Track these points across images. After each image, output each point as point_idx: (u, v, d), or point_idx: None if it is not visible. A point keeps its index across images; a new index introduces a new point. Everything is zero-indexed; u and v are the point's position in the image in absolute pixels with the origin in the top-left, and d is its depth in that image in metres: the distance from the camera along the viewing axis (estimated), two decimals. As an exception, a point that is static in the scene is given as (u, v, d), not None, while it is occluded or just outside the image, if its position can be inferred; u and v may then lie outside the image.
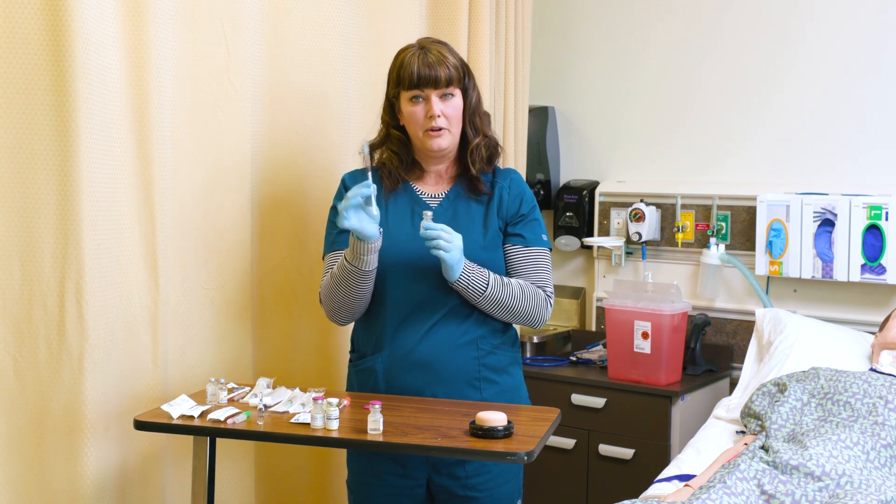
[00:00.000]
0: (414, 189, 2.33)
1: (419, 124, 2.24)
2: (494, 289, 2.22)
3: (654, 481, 2.48)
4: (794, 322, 3.09)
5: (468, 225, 2.28)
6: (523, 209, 2.33)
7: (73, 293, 2.13)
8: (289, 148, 2.72)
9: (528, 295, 2.27)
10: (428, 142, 2.25)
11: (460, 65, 2.27)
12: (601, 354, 3.47)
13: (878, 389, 2.46)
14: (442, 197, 2.33)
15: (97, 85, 2.14)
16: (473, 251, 2.24)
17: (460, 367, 2.25)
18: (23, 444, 2.13)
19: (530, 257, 2.32)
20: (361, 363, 2.32)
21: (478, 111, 2.31)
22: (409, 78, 2.21)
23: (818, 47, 3.30)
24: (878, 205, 3.03)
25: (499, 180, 2.34)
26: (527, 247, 2.31)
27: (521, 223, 2.32)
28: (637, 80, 3.69)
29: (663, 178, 3.62)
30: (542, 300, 2.30)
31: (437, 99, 2.22)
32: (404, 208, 2.31)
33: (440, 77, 2.21)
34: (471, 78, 2.30)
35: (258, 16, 2.60)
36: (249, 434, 2.07)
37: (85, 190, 2.12)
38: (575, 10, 3.82)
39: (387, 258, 2.23)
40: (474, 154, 2.29)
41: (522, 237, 2.31)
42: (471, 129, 2.29)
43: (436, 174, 2.35)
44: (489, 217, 2.30)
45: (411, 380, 2.23)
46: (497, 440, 1.92)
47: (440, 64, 2.21)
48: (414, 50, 2.25)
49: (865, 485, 2.12)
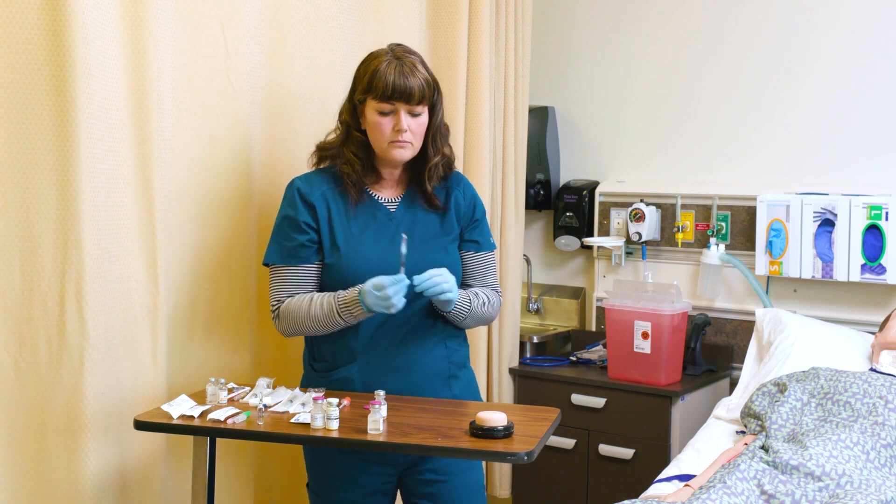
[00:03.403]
0: (373, 195, 2.34)
1: (385, 136, 2.24)
2: (475, 306, 2.32)
3: (654, 481, 2.48)
4: (794, 322, 3.09)
5: (429, 230, 2.32)
6: (476, 214, 2.41)
7: (73, 293, 2.13)
8: (288, 148, 2.72)
9: (492, 302, 2.41)
10: (391, 152, 2.25)
11: (432, 80, 2.27)
12: (601, 354, 3.47)
13: (878, 389, 2.46)
14: (398, 202, 2.35)
15: (97, 85, 2.14)
16: (437, 256, 2.29)
17: (434, 367, 2.31)
18: (23, 444, 2.13)
19: (484, 262, 2.42)
20: (335, 373, 2.29)
21: (440, 128, 2.32)
22: (383, 89, 2.20)
23: (819, 49, 3.30)
24: (878, 205, 3.03)
25: (452, 187, 2.38)
26: (479, 252, 2.41)
27: (474, 228, 2.40)
28: (637, 81, 3.69)
29: (663, 178, 3.62)
30: (499, 303, 2.44)
31: (405, 113, 2.22)
32: (367, 217, 2.31)
33: (413, 92, 2.20)
34: (439, 94, 2.31)
35: (258, 16, 2.60)
36: (249, 434, 2.07)
37: (85, 190, 2.12)
38: (575, 9, 3.82)
39: (355, 268, 2.24)
40: (432, 171, 2.32)
41: (477, 243, 2.41)
42: (431, 146, 2.31)
43: (391, 179, 2.35)
44: (446, 223, 2.35)
45: (390, 384, 2.22)
46: (497, 440, 1.93)
47: (414, 78, 2.21)
48: (388, 58, 2.23)
49: (865, 485, 2.12)
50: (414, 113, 2.24)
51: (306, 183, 2.32)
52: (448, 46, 3.12)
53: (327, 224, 2.28)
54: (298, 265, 2.28)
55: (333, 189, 2.31)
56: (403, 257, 2.14)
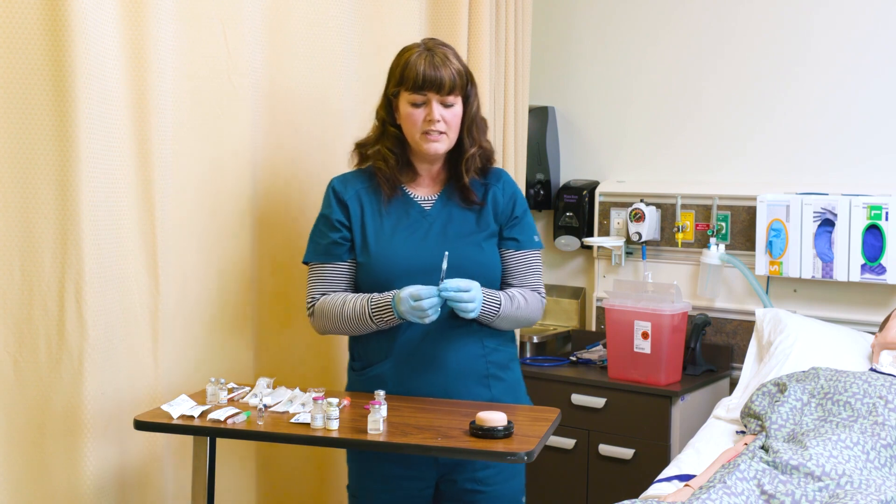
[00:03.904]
0: (408, 193, 2.32)
1: (417, 127, 2.22)
2: (505, 308, 2.26)
3: (654, 481, 2.48)
4: (794, 322, 3.09)
5: (464, 227, 2.29)
6: (517, 211, 2.35)
7: (73, 293, 2.13)
8: (289, 147, 2.72)
9: (531, 303, 2.33)
10: (424, 145, 2.24)
11: (464, 71, 2.25)
12: (601, 354, 3.47)
13: (878, 389, 2.46)
14: (434, 199, 2.32)
15: (97, 85, 2.14)
16: (471, 253, 2.26)
17: (467, 366, 2.26)
18: (23, 444, 2.13)
19: (524, 260, 2.35)
20: (369, 371, 2.29)
21: (476, 120, 2.30)
22: (414, 79, 2.19)
23: (819, 49, 3.30)
24: (878, 205, 3.03)
25: (491, 183, 2.34)
26: (520, 250, 2.34)
27: (514, 226, 2.34)
28: (637, 81, 3.69)
29: (663, 178, 3.62)
30: (539, 304, 2.36)
31: (438, 103, 2.21)
32: (400, 214, 2.29)
33: (444, 82, 2.19)
34: (473, 86, 2.29)
35: (258, 16, 2.60)
36: (249, 434, 2.07)
37: (85, 190, 2.12)
38: (575, 9, 3.82)
39: (388, 266, 2.23)
40: (469, 163, 2.29)
41: (517, 241, 2.34)
42: (468, 137, 2.28)
43: (429, 176, 2.34)
44: (483, 220, 2.31)
45: (423, 382, 2.22)
46: (497, 440, 1.93)
47: (445, 68, 2.19)
48: (420, 50, 2.23)
49: (865, 485, 2.12)
50: (446, 104, 2.21)
51: (342, 182, 2.34)
52: (448, 46, 3.12)
53: (359, 222, 2.28)
54: (332, 263, 2.30)
55: (368, 187, 2.31)
56: (444, 273, 2.14)
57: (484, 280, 2.24)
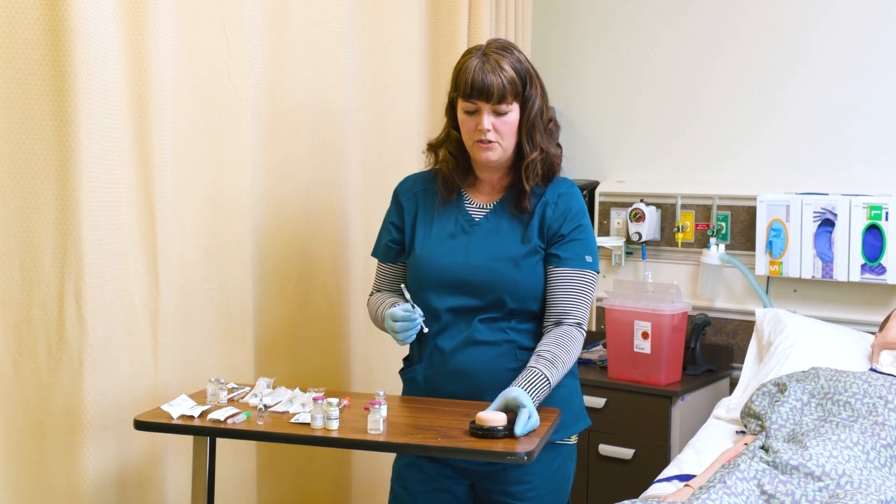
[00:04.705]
0: (465, 199, 2.26)
1: (470, 135, 2.16)
2: (555, 380, 2.10)
3: (654, 481, 2.48)
4: (794, 322, 3.09)
5: (507, 240, 2.20)
6: (565, 228, 2.19)
7: (73, 293, 2.13)
8: (289, 147, 2.72)
9: (571, 349, 2.16)
10: (476, 153, 2.17)
11: (519, 76, 2.14)
12: (601, 354, 3.47)
13: (878, 389, 2.46)
14: (489, 209, 2.24)
15: (97, 85, 2.14)
16: (505, 269, 2.17)
17: (496, 376, 2.16)
18: (23, 444, 2.13)
19: (564, 279, 2.18)
20: (407, 372, 2.30)
21: (537, 124, 2.17)
22: (464, 87, 2.13)
23: (819, 49, 3.30)
24: (878, 205, 3.03)
25: (547, 195, 2.21)
26: (560, 267, 2.18)
27: (562, 243, 2.19)
28: (637, 80, 3.68)
29: (663, 178, 3.62)
30: (578, 342, 2.18)
31: (488, 112, 2.13)
32: (449, 223, 2.24)
33: (492, 92, 2.10)
34: (535, 88, 2.17)
35: (259, 16, 2.60)
36: (249, 434, 2.07)
37: (85, 190, 2.12)
38: (575, 9, 3.82)
39: (426, 274, 2.20)
40: (528, 169, 2.17)
41: (558, 258, 2.18)
42: (528, 142, 2.16)
43: (489, 183, 2.26)
44: (528, 234, 2.19)
45: (451, 387, 2.20)
46: (497, 440, 1.92)
47: (495, 76, 2.09)
48: (476, 55, 2.15)
49: (865, 485, 2.12)
50: (499, 112, 2.13)
51: (404, 183, 2.34)
52: (448, 47, 3.12)
53: (412, 224, 2.27)
54: (387, 263, 2.33)
55: (428, 189, 2.27)
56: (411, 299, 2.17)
57: (518, 298, 2.17)
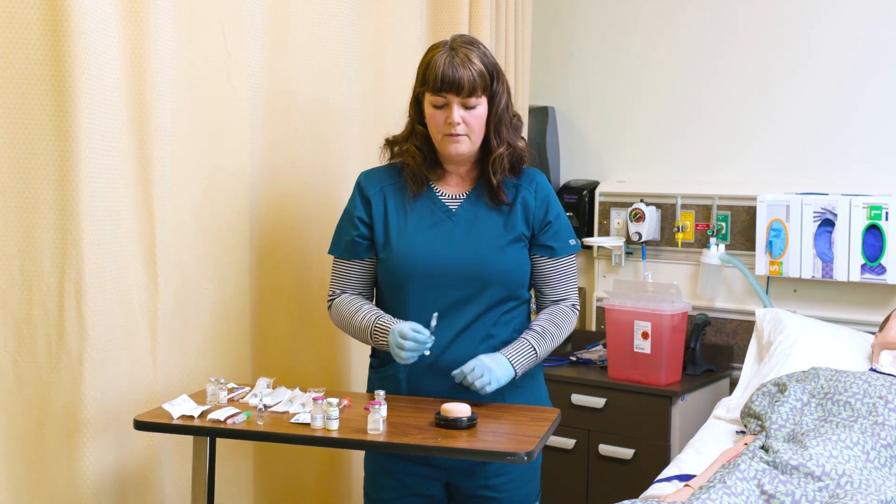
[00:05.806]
0: (435, 191, 2.27)
1: (438, 128, 2.18)
2: (542, 353, 2.23)
3: (654, 481, 2.48)
4: (794, 322, 3.09)
5: (489, 228, 2.23)
6: (550, 215, 2.28)
7: (73, 293, 2.13)
8: (288, 148, 2.72)
9: (563, 325, 2.30)
10: (445, 147, 2.19)
11: (487, 70, 2.16)
12: (601, 354, 3.47)
13: (878, 389, 2.46)
14: (463, 198, 2.26)
15: (97, 85, 2.14)
16: (491, 258, 2.21)
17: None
18: (23, 444, 2.13)
19: (558, 269, 2.30)
20: (384, 370, 2.28)
21: (504, 118, 2.21)
22: (433, 80, 2.14)
23: (820, 49, 3.30)
24: (878, 205, 3.02)
25: (523, 184, 2.27)
26: (554, 257, 2.29)
27: (549, 231, 2.27)
28: (637, 81, 3.68)
29: (663, 178, 3.62)
30: (572, 319, 2.33)
31: (458, 105, 2.15)
32: (424, 213, 2.25)
33: (463, 84, 2.12)
34: (501, 83, 2.20)
35: (258, 17, 2.60)
36: (249, 434, 2.07)
37: (85, 190, 2.12)
38: (575, 9, 3.82)
39: (406, 266, 2.20)
40: (496, 163, 2.21)
41: (552, 248, 2.28)
42: (495, 136, 2.21)
43: (457, 175, 2.28)
44: (510, 222, 2.24)
45: (435, 387, 2.19)
46: (462, 430, 1.95)
47: (465, 69, 2.13)
48: (443, 50, 2.17)
49: (865, 485, 2.12)
50: (468, 105, 2.15)
51: (368, 177, 2.32)
52: (448, 46, 3.12)
53: (382, 218, 2.26)
54: (352, 260, 2.29)
55: (395, 183, 2.27)
56: (433, 329, 2.10)
57: (505, 286, 2.22)
